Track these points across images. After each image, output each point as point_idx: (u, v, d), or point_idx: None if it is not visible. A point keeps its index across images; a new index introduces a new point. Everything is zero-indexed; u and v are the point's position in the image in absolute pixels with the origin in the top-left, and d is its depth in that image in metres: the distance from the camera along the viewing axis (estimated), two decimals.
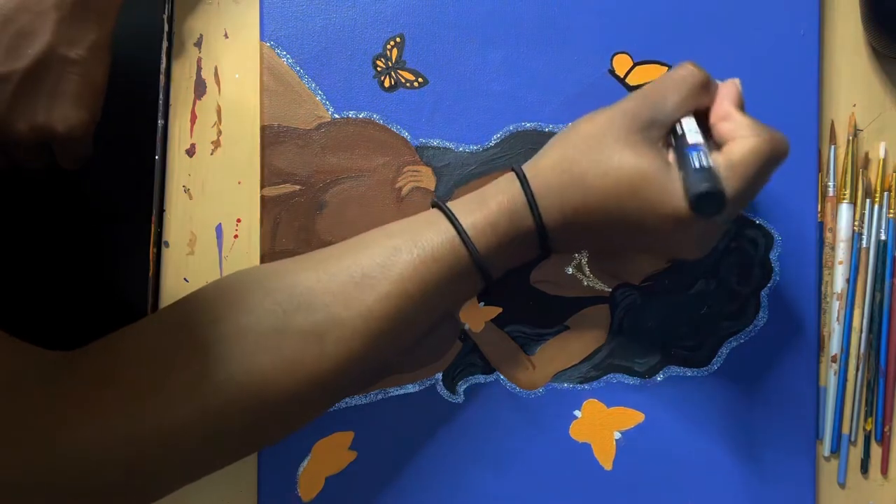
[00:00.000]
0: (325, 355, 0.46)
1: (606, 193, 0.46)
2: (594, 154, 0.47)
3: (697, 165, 0.44)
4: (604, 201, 0.46)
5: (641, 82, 0.57)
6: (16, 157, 0.53)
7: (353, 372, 0.47)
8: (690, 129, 0.47)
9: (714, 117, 0.48)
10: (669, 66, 0.57)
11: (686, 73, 0.48)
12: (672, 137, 0.47)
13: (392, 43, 0.57)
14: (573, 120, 0.56)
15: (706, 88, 0.48)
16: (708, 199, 0.43)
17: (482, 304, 0.56)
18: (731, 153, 0.45)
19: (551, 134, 0.56)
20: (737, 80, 0.49)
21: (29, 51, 0.49)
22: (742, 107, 0.48)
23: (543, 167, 0.48)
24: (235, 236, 0.57)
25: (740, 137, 0.46)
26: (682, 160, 0.45)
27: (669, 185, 0.45)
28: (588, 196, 0.47)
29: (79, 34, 0.50)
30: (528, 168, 0.49)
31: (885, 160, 0.58)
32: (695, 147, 0.45)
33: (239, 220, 0.57)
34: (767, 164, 0.45)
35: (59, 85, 0.50)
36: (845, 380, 0.58)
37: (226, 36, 0.58)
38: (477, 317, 0.56)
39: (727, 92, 0.48)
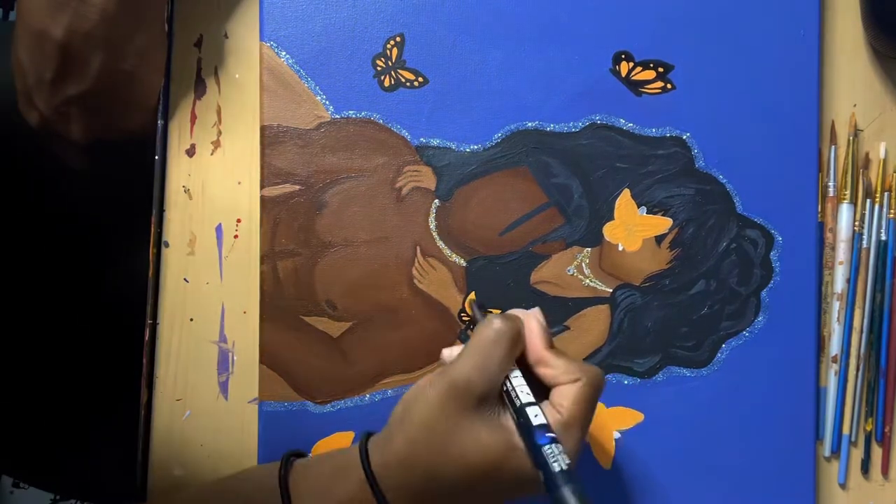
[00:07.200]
0: None
1: (456, 484, 0.46)
2: (437, 446, 0.45)
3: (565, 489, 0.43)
4: (456, 491, 0.46)
5: (644, 78, 0.57)
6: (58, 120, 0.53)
7: None
8: (522, 391, 0.46)
9: (531, 360, 0.48)
10: (671, 66, 0.57)
11: (499, 329, 0.47)
12: (506, 397, 0.47)
13: (392, 42, 0.57)
14: (575, 119, 0.57)
15: (520, 336, 0.48)
16: None
17: (482, 305, 0.56)
18: (562, 409, 0.46)
19: (553, 133, 0.56)
20: (537, 313, 0.49)
21: None
22: (551, 342, 0.48)
23: (391, 462, 0.46)
24: (235, 236, 0.57)
25: (563, 385, 0.46)
26: (535, 455, 0.44)
27: (516, 463, 0.45)
28: (441, 487, 0.46)
29: None
30: (377, 454, 0.47)
31: (885, 160, 0.58)
32: (547, 441, 0.44)
33: (239, 220, 0.57)
34: (593, 404, 0.47)
35: None
36: (846, 380, 0.58)
37: (226, 36, 0.58)
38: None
39: (534, 332, 0.48)
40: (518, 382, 0.47)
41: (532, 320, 0.49)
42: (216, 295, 0.57)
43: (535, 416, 0.45)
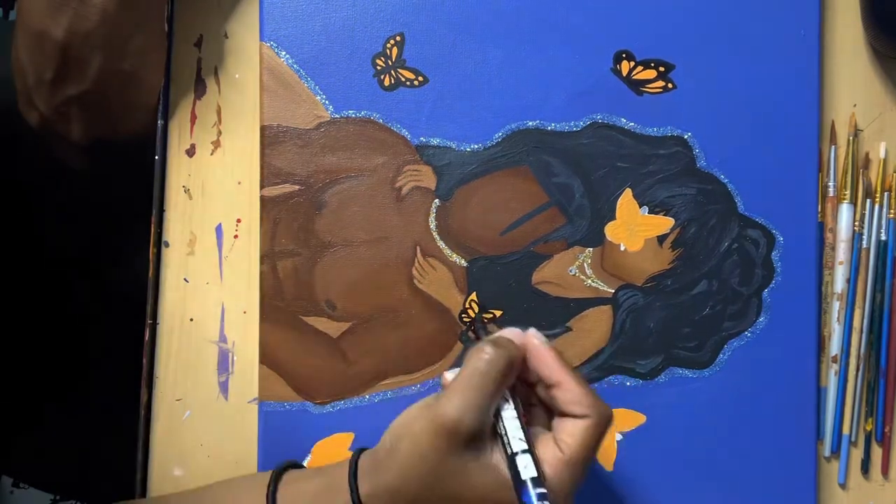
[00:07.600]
0: None
1: None
2: (427, 483, 0.45)
3: None
4: None
5: (645, 77, 0.57)
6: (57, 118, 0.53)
7: None
8: (514, 436, 0.45)
9: (548, 382, 0.47)
10: (672, 66, 0.57)
11: (490, 361, 0.45)
12: (499, 438, 0.46)
13: (392, 41, 0.57)
14: (576, 118, 0.56)
15: (513, 365, 0.46)
16: None
17: (483, 306, 0.56)
18: (566, 447, 0.45)
19: (554, 133, 0.56)
20: (538, 334, 0.48)
21: None
22: (564, 361, 0.47)
23: (380, 492, 0.46)
24: (235, 236, 0.57)
25: (570, 420, 0.45)
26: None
27: (506, 500, 0.44)
28: None
29: None
30: (365, 482, 0.46)
31: (885, 160, 0.58)
32: (535, 498, 0.43)
33: (239, 220, 0.57)
34: (598, 445, 0.46)
35: None
36: (846, 380, 0.58)
37: (226, 36, 0.58)
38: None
39: (543, 353, 0.47)
40: (511, 425, 0.45)
41: (534, 341, 0.48)
42: (216, 295, 0.57)
43: (525, 467, 0.44)
